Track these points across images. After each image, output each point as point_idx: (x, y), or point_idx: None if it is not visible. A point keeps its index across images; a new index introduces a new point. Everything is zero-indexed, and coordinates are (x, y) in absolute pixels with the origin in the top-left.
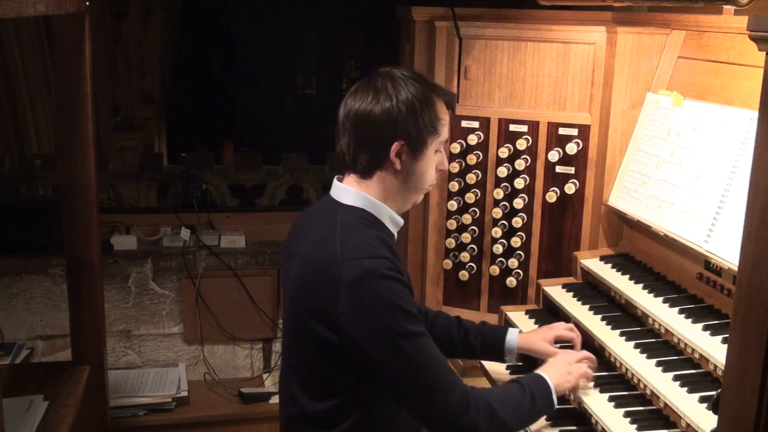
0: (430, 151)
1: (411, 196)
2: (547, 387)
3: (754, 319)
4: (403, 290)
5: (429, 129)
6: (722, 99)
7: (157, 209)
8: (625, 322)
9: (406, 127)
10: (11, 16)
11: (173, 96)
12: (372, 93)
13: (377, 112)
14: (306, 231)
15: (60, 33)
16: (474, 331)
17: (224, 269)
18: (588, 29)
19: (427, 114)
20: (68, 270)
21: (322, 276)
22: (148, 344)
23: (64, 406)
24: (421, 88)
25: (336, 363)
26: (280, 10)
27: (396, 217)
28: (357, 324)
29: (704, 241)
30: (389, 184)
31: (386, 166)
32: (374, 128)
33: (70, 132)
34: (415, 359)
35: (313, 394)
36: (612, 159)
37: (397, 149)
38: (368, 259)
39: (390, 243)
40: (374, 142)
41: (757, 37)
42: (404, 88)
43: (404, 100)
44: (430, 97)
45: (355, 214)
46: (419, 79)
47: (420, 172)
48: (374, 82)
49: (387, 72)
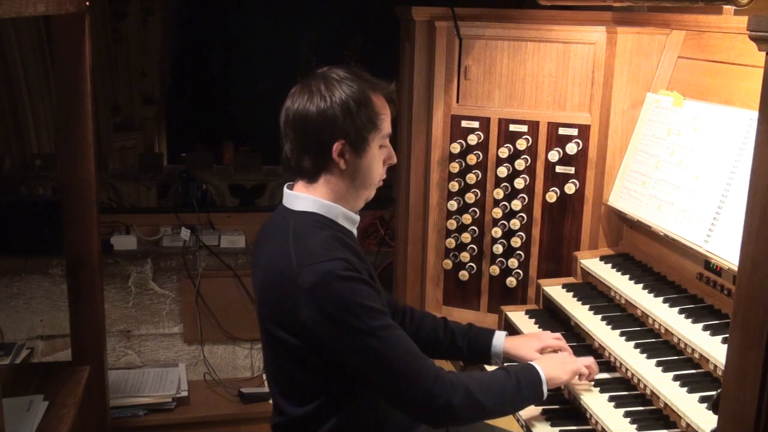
0: (373, 147)
1: (361, 194)
2: (536, 376)
3: (754, 319)
4: (362, 287)
5: (368, 126)
6: (722, 99)
7: (157, 209)
8: (625, 322)
9: (344, 127)
10: (11, 16)
11: (173, 96)
12: (307, 95)
13: (313, 114)
14: (264, 242)
15: (60, 33)
16: (461, 334)
17: (224, 269)
18: (588, 29)
19: (363, 112)
20: (68, 270)
21: (281, 284)
22: (148, 344)
23: (64, 406)
24: (356, 87)
25: (306, 367)
26: (280, 10)
27: (351, 215)
28: (321, 328)
29: (704, 241)
30: (336, 185)
31: (331, 167)
32: (313, 131)
33: (70, 132)
34: (383, 353)
35: (292, 399)
36: (612, 159)
37: (338, 149)
38: (323, 262)
39: (347, 241)
40: (315, 145)
41: (757, 37)
42: (338, 88)
43: (338, 100)
44: (365, 93)
45: (307, 218)
46: (354, 78)
47: (365, 169)
48: (309, 85)
49: (322, 73)
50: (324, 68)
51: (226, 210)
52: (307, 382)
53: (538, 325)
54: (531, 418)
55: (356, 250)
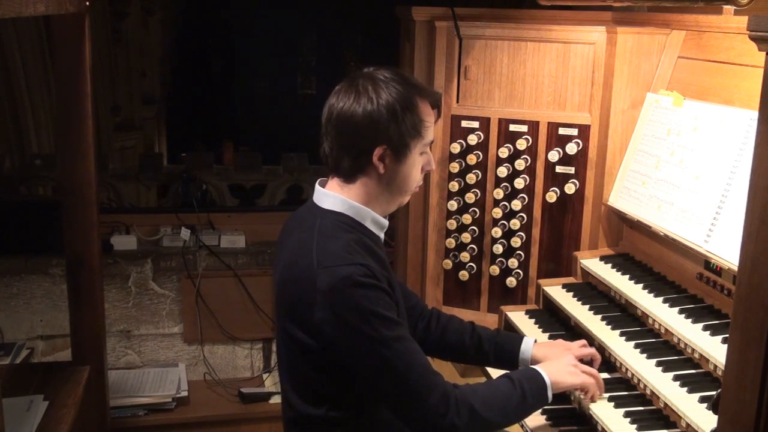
0: (414, 154)
1: (395, 199)
2: (541, 382)
3: (754, 319)
4: (379, 295)
5: (411, 132)
6: (722, 99)
7: (157, 209)
8: (625, 322)
9: (388, 132)
10: (11, 16)
11: (173, 96)
12: (354, 95)
13: (359, 115)
14: (288, 236)
15: (60, 33)
16: (488, 339)
17: (224, 269)
18: (588, 29)
19: (409, 117)
20: (68, 270)
21: (300, 282)
22: (148, 344)
23: (64, 406)
24: (403, 91)
25: (319, 367)
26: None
27: (380, 219)
28: (334, 331)
29: (704, 241)
30: (372, 188)
31: (369, 170)
32: (356, 133)
33: (70, 132)
34: (392, 364)
35: (305, 397)
36: (612, 159)
37: (379, 154)
38: (343, 266)
39: (371, 246)
40: (357, 147)
41: (757, 37)
42: (385, 90)
43: (385, 103)
44: (413, 99)
45: (334, 218)
46: (402, 81)
47: (404, 175)
48: (356, 84)
49: (369, 73)
50: (370, 68)
51: (226, 210)
52: (320, 383)
53: (538, 325)
54: (530, 417)
55: (380, 257)
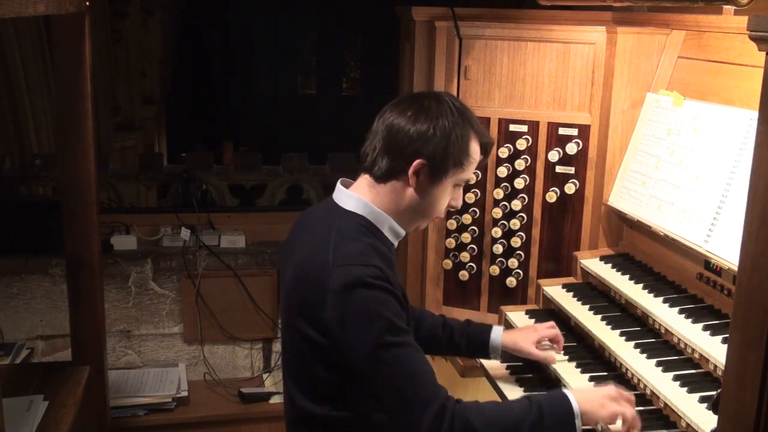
0: (448, 181)
1: (416, 220)
2: (567, 407)
3: (754, 319)
4: (388, 299)
5: (455, 160)
6: (722, 99)
7: (157, 209)
8: (625, 322)
9: (434, 149)
10: (11, 16)
11: (173, 96)
12: (415, 108)
13: (413, 126)
14: (303, 233)
15: (60, 33)
16: (459, 331)
17: (224, 269)
18: (588, 29)
19: (458, 144)
20: (68, 270)
21: (313, 280)
22: (148, 344)
23: (64, 406)
24: (462, 121)
25: (327, 365)
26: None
27: (397, 228)
28: (341, 330)
29: (704, 241)
30: (398, 199)
31: (402, 179)
32: (405, 137)
33: (70, 132)
34: (392, 370)
35: (309, 395)
36: (612, 159)
37: (417, 167)
38: (357, 266)
39: (385, 252)
40: (399, 152)
41: (757, 37)
42: (447, 114)
43: (442, 124)
44: (468, 131)
45: (354, 220)
46: (464, 112)
47: (432, 199)
48: (421, 99)
49: (437, 94)
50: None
51: (226, 210)
52: (327, 381)
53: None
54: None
55: (392, 264)
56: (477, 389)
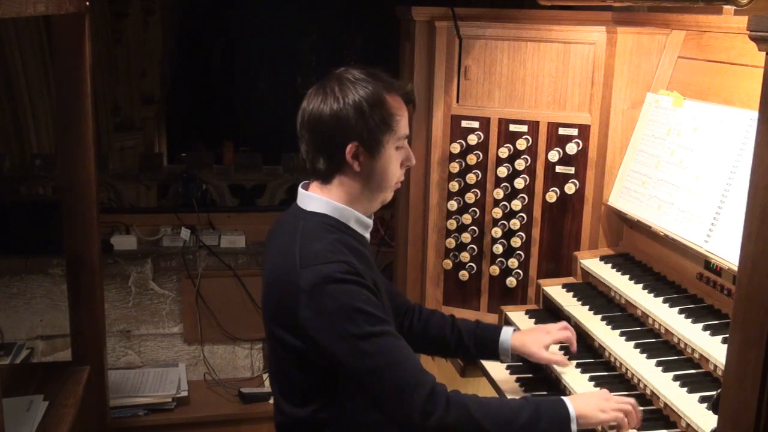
0: (388, 149)
1: (376, 196)
2: (564, 412)
3: (754, 319)
4: (361, 292)
5: (382, 127)
6: (722, 99)
7: (157, 209)
8: (625, 322)
9: (357, 129)
10: (11, 16)
11: (173, 96)
12: (321, 96)
13: (326, 115)
14: (274, 240)
15: (60, 33)
16: (468, 332)
17: (224, 269)
18: (588, 29)
19: (377, 113)
20: (68, 270)
21: (283, 284)
22: (148, 344)
23: (64, 406)
24: (370, 88)
25: (306, 369)
26: (280, 10)
27: (364, 219)
28: (318, 330)
29: (704, 241)
30: (351, 187)
31: (345, 169)
32: (326, 132)
33: (70, 132)
34: (376, 360)
35: (292, 400)
36: (612, 159)
37: (352, 151)
38: (324, 264)
39: (356, 246)
40: (329, 146)
41: (757, 37)
42: (352, 89)
43: (351, 102)
44: (379, 94)
45: (317, 220)
46: (369, 78)
47: (381, 171)
48: (324, 86)
49: (338, 74)
50: (341, 69)
51: (226, 210)
52: (305, 384)
53: (538, 325)
54: None
55: (364, 256)
56: (477, 389)
